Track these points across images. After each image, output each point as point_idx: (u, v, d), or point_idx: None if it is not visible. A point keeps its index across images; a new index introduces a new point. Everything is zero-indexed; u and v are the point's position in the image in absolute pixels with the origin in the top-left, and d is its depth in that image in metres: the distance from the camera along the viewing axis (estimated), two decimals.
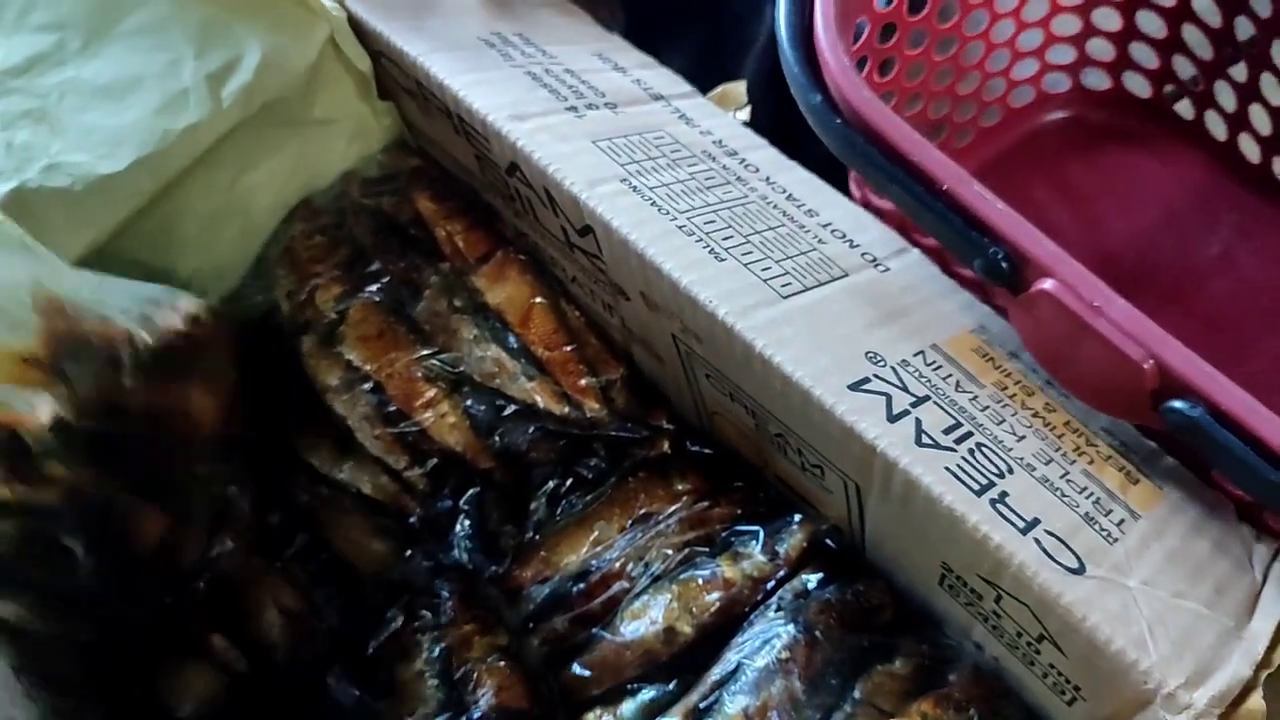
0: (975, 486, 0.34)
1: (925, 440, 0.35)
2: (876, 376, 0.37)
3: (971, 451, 0.35)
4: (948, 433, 0.36)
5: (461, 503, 0.46)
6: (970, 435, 0.36)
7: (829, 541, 0.42)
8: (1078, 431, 0.37)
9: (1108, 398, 0.36)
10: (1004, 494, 0.34)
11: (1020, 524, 0.33)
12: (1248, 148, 0.58)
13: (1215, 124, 0.59)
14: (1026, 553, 0.33)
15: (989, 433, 0.36)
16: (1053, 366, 0.37)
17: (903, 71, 0.53)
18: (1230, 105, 0.57)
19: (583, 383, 0.46)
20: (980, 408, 0.37)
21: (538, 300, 0.48)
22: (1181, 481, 0.37)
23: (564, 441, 0.46)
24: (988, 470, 0.35)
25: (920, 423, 0.36)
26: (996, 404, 0.37)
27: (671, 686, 0.40)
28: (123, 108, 0.44)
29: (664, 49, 0.53)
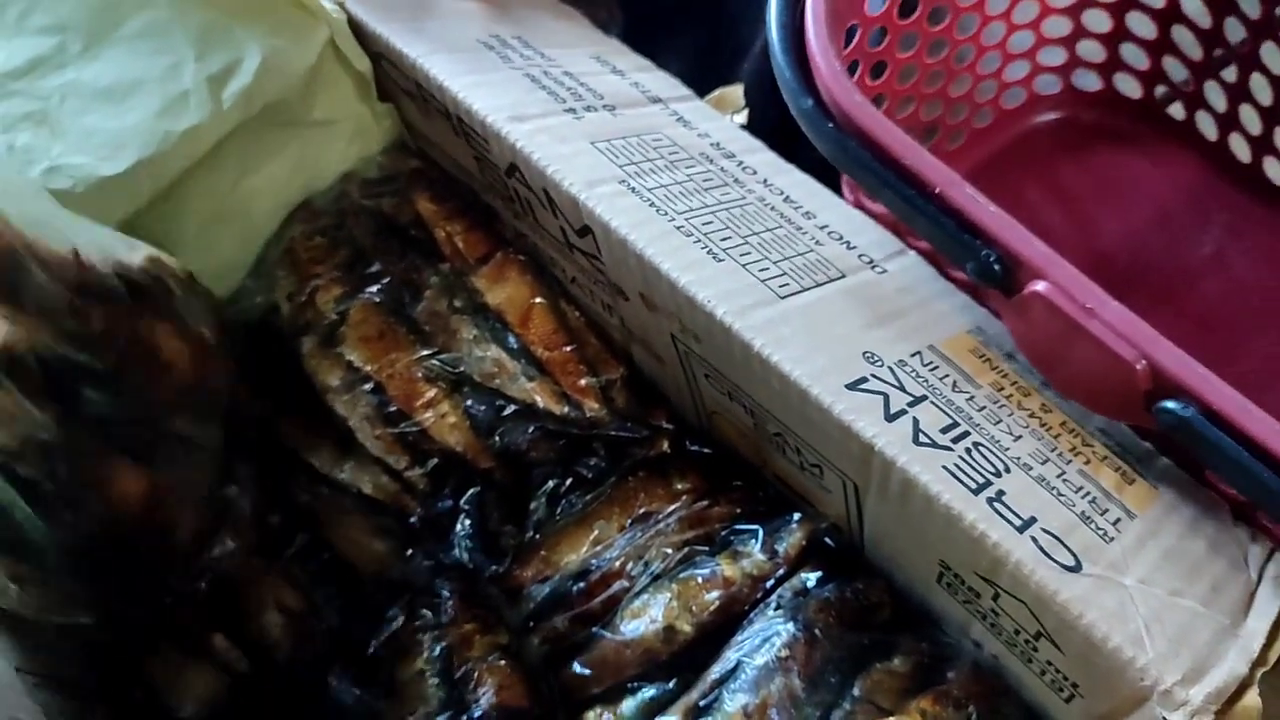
0: (972, 485, 0.34)
1: (923, 439, 0.35)
2: (874, 376, 0.37)
3: (969, 450, 0.35)
4: (945, 432, 0.36)
5: (462, 502, 0.46)
6: (967, 435, 0.36)
7: (828, 540, 0.42)
8: (1074, 432, 0.37)
9: (1101, 398, 0.36)
10: (1001, 493, 0.34)
11: (1017, 522, 0.33)
12: (1238, 148, 0.58)
13: (1206, 124, 0.59)
14: (1023, 551, 0.33)
15: (986, 432, 0.36)
16: (1046, 368, 0.38)
17: (894, 74, 0.53)
18: (1221, 105, 0.58)
19: (582, 383, 0.46)
20: (977, 408, 0.37)
21: (537, 301, 0.48)
22: (1177, 482, 0.37)
23: (564, 441, 0.46)
24: (985, 469, 0.35)
25: (918, 422, 0.36)
26: (993, 404, 0.37)
27: (671, 685, 0.40)
28: (123, 110, 0.44)
29: (662, 52, 0.53)
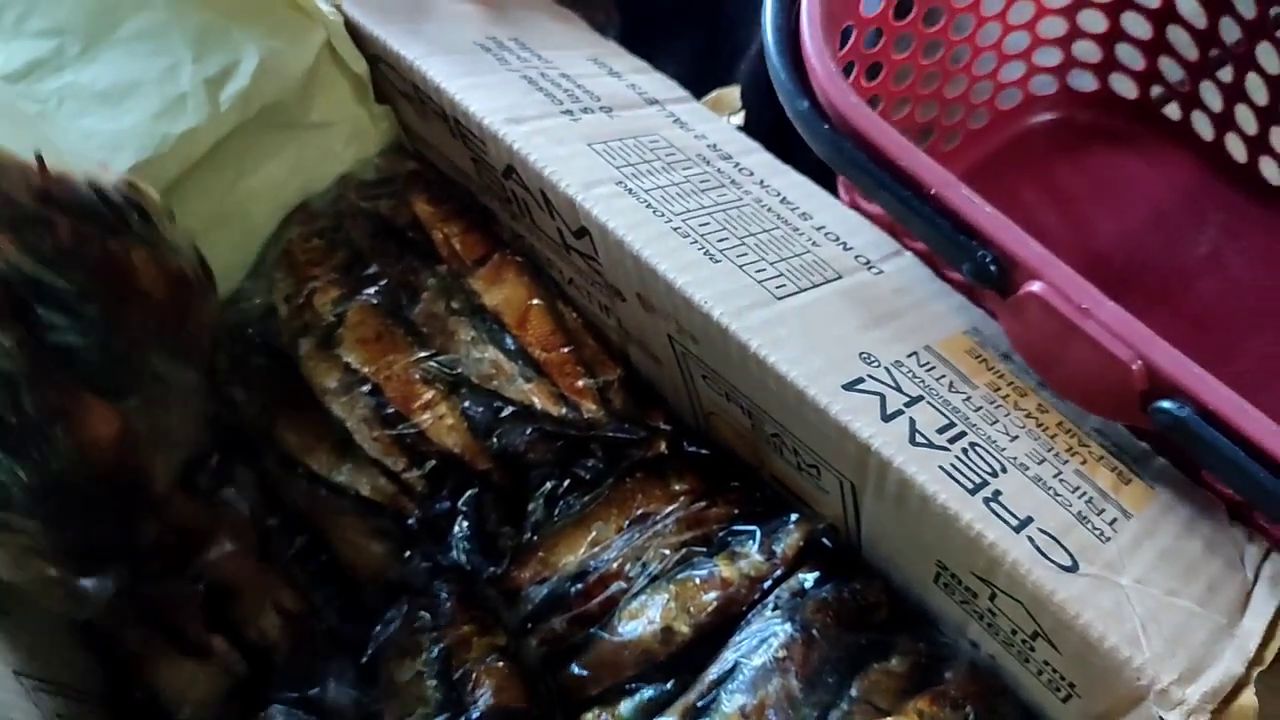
0: (969, 485, 0.34)
1: (919, 440, 0.35)
2: (870, 377, 0.37)
3: (965, 451, 0.35)
4: (941, 432, 0.36)
5: (460, 504, 0.46)
6: (964, 435, 0.36)
7: (825, 541, 0.42)
8: (1070, 432, 0.37)
9: (1097, 398, 0.36)
10: (997, 493, 0.34)
11: (1013, 522, 0.33)
12: (1234, 147, 0.58)
13: (1202, 124, 0.59)
14: (1020, 551, 0.33)
15: (982, 432, 0.36)
16: (1042, 368, 0.38)
17: (890, 76, 0.53)
18: (1217, 105, 0.58)
19: (580, 384, 0.46)
20: (973, 408, 0.37)
21: (535, 302, 0.48)
22: (1173, 482, 0.37)
23: (561, 442, 0.46)
24: (981, 469, 0.35)
25: (914, 422, 0.36)
26: (989, 404, 0.37)
27: (669, 686, 0.40)
28: (121, 112, 0.44)
29: (659, 54, 0.53)
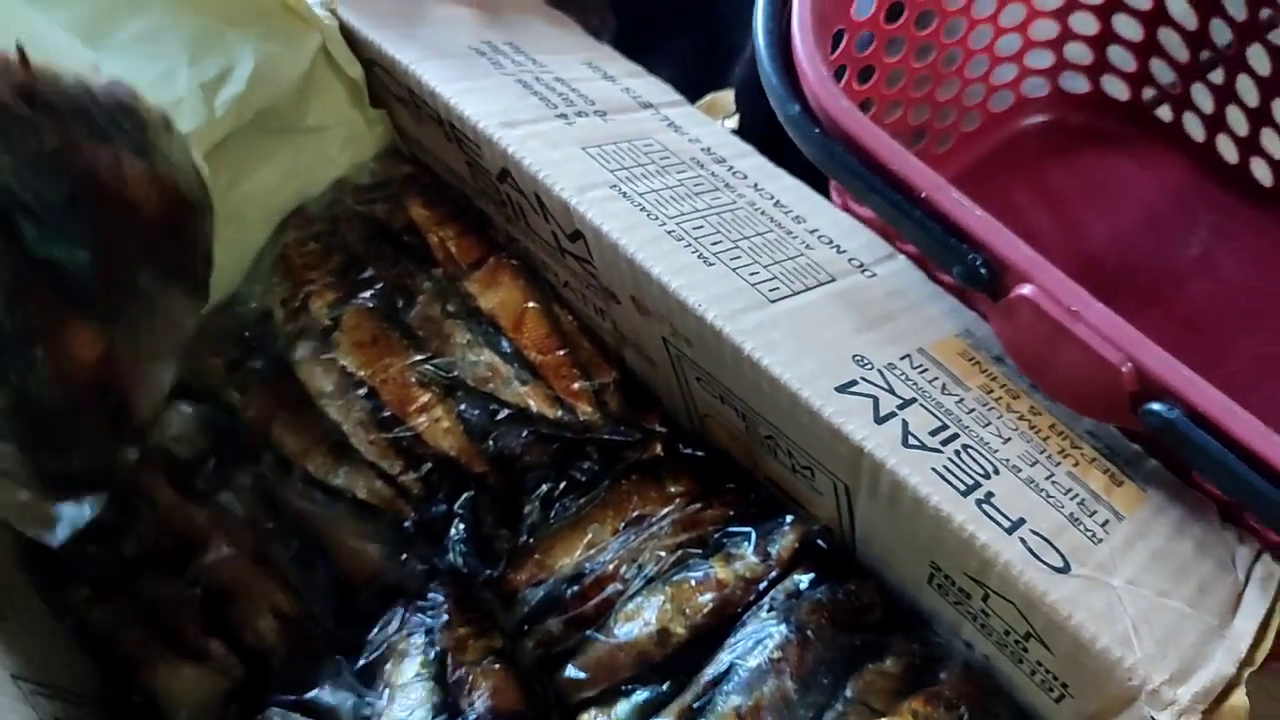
0: (961, 487, 0.34)
1: (912, 441, 0.35)
2: (863, 379, 0.37)
3: (958, 453, 0.35)
4: (934, 434, 0.36)
5: (456, 507, 0.46)
6: (956, 437, 0.36)
7: (820, 542, 0.42)
8: (1063, 434, 0.37)
9: (1088, 401, 0.36)
10: (990, 494, 0.34)
11: (1006, 524, 0.34)
12: (1225, 149, 0.59)
13: (1194, 126, 0.59)
14: (1012, 552, 0.33)
15: (975, 435, 0.36)
16: (1033, 370, 0.38)
17: (882, 79, 0.53)
18: (1208, 107, 0.58)
19: (575, 386, 0.47)
20: (966, 410, 0.37)
21: (530, 305, 0.48)
22: (1165, 484, 0.37)
23: (557, 445, 0.46)
24: (974, 471, 0.35)
25: (907, 424, 0.36)
26: (982, 407, 0.37)
27: (665, 687, 0.40)
28: None
29: (653, 58, 0.53)
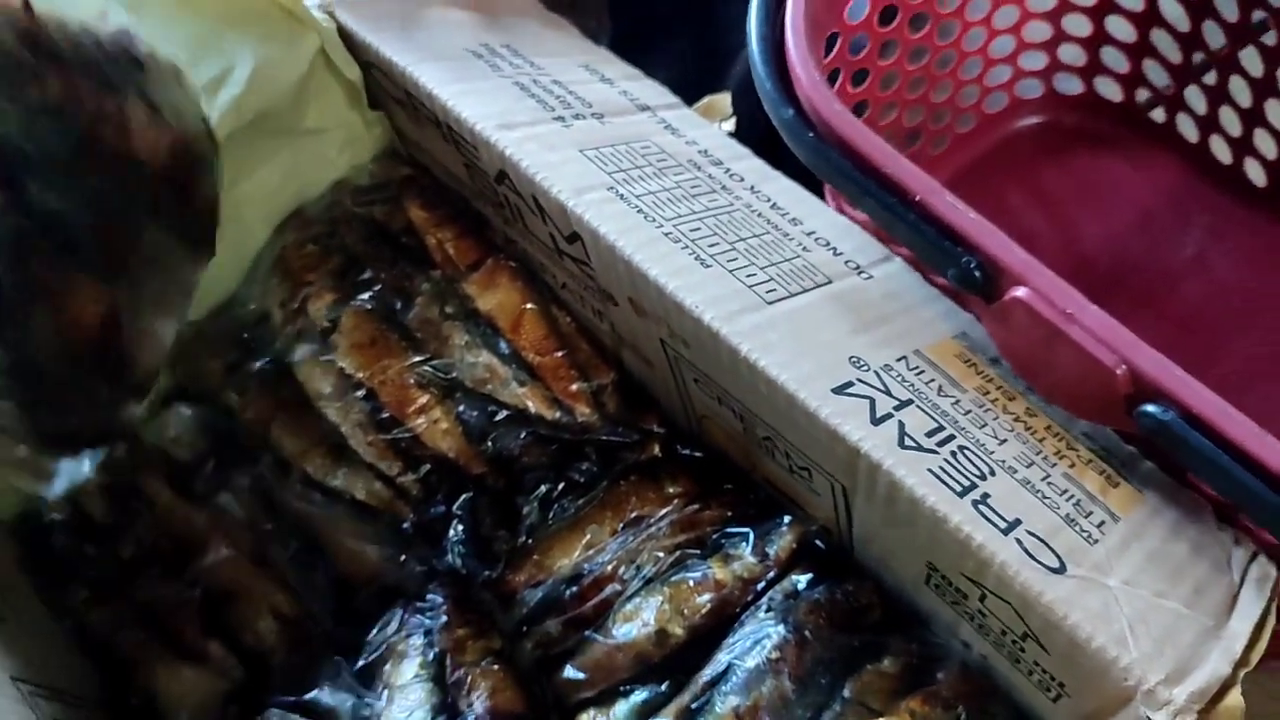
0: (957, 488, 0.34)
1: (908, 443, 0.35)
2: (860, 381, 0.37)
3: (954, 454, 0.35)
4: (930, 435, 0.36)
5: (454, 508, 0.46)
6: (953, 438, 0.36)
7: (818, 542, 0.42)
8: (1058, 436, 0.37)
9: (1083, 403, 0.36)
10: (986, 495, 0.34)
11: (1002, 524, 0.34)
12: (1219, 149, 0.59)
13: (1187, 126, 0.60)
14: (1008, 552, 0.33)
15: (971, 436, 0.36)
16: (1028, 373, 0.38)
17: (876, 81, 0.54)
18: (1201, 108, 0.58)
19: (574, 388, 0.47)
20: (962, 412, 0.37)
21: (528, 306, 0.48)
22: (1160, 485, 0.37)
23: (555, 446, 0.46)
24: (970, 472, 0.35)
25: (903, 425, 0.36)
26: (978, 408, 0.37)
27: (664, 688, 0.40)
28: None
29: (650, 61, 0.53)
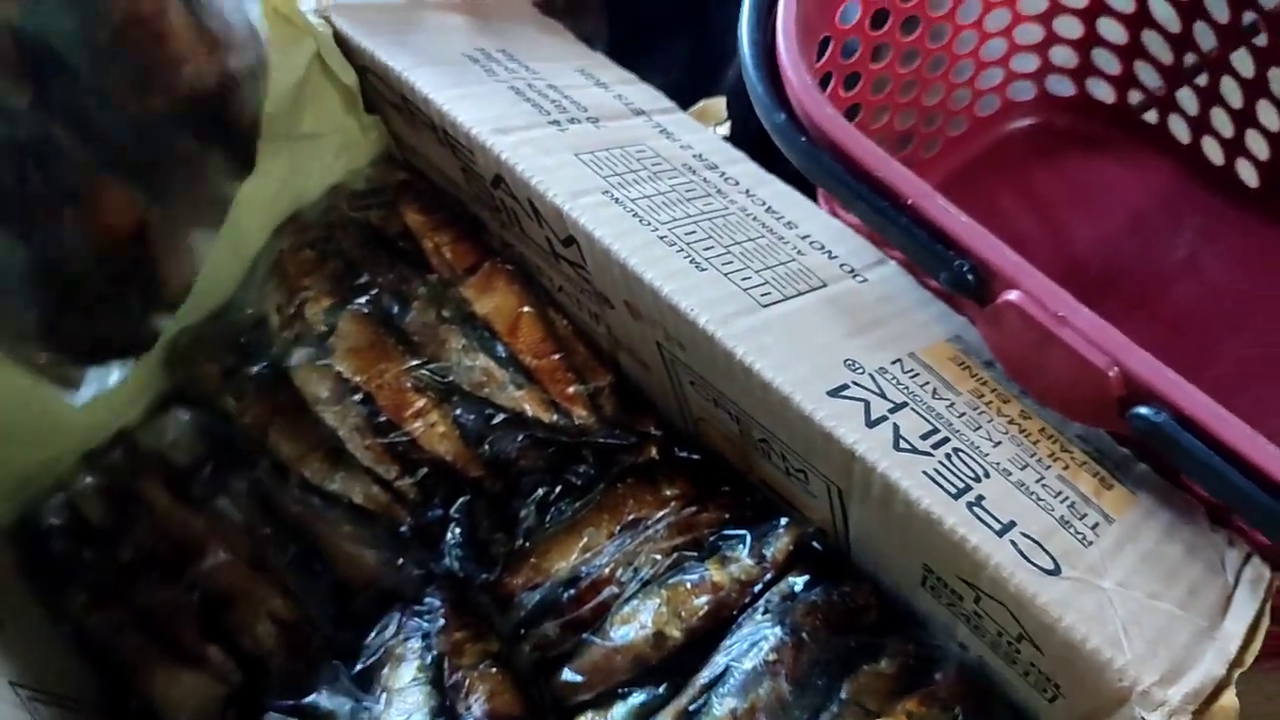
0: (952, 490, 0.34)
1: (903, 445, 0.36)
2: (855, 383, 0.37)
3: (948, 456, 0.36)
4: (925, 438, 0.36)
5: (452, 511, 0.46)
6: (947, 440, 0.36)
7: (815, 544, 0.42)
8: (1052, 438, 0.37)
9: (1076, 405, 0.36)
10: (980, 497, 0.34)
11: (996, 526, 0.34)
12: (1211, 150, 0.59)
13: (1179, 127, 0.60)
14: (1003, 554, 0.33)
15: (965, 438, 0.36)
16: (1022, 376, 0.38)
17: (868, 85, 0.54)
18: (1193, 109, 0.58)
19: (571, 390, 0.47)
20: (957, 414, 0.37)
21: (525, 309, 0.48)
22: (1154, 487, 0.37)
23: (553, 449, 0.46)
24: (964, 474, 0.35)
25: (898, 428, 0.36)
26: (973, 411, 0.38)
27: (661, 690, 0.40)
28: None
29: (645, 66, 0.53)
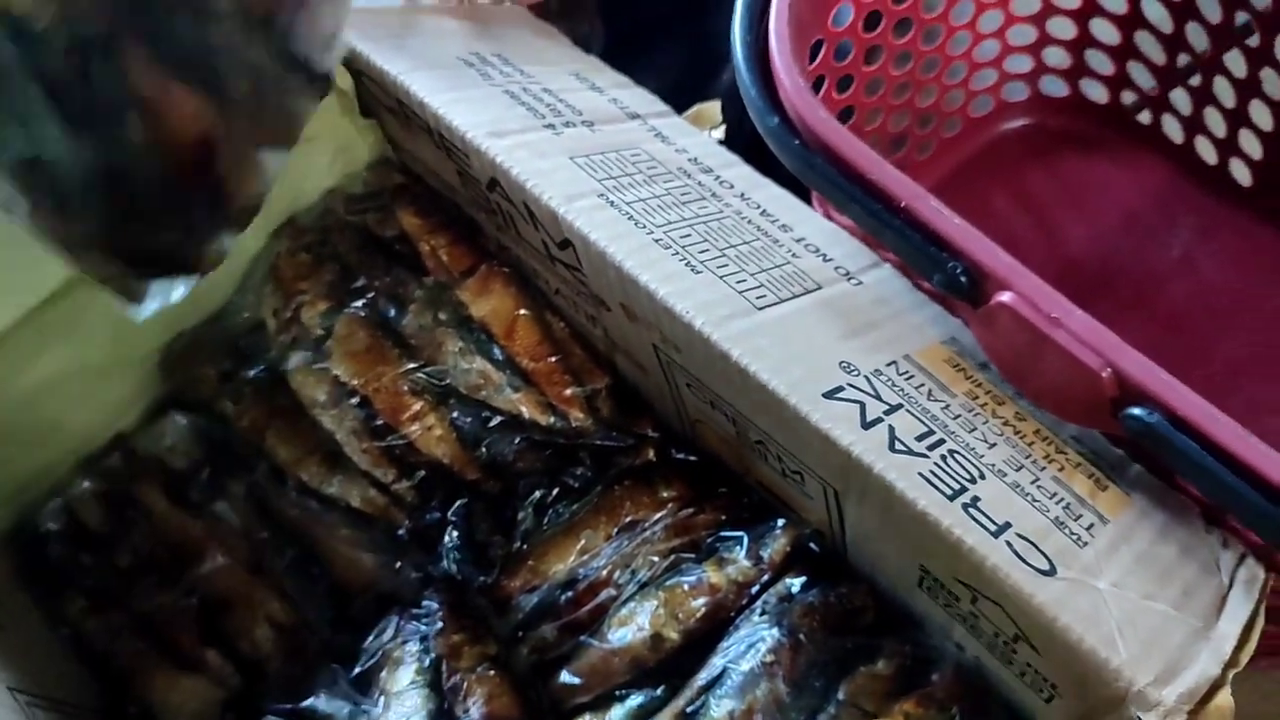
0: (948, 491, 0.35)
1: (898, 447, 0.36)
2: (850, 385, 0.37)
3: (944, 458, 0.36)
4: (920, 439, 0.36)
5: (449, 514, 0.46)
6: (942, 442, 0.36)
7: (812, 546, 0.42)
8: (1047, 439, 0.38)
9: (1070, 406, 0.36)
10: (976, 499, 0.35)
11: (992, 527, 0.34)
12: (1204, 150, 0.59)
13: (1172, 127, 0.60)
14: (999, 555, 0.33)
15: (961, 440, 0.37)
16: (1016, 377, 0.38)
17: (861, 87, 0.54)
18: (1186, 109, 0.58)
19: (568, 393, 0.47)
20: (952, 416, 0.37)
21: (522, 312, 0.48)
22: (1149, 488, 0.37)
23: (550, 451, 0.46)
24: (960, 476, 0.35)
25: (893, 430, 0.36)
26: (968, 412, 0.38)
27: (659, 692, 0.40)
28: None
29: (641, 69, 0.53)
